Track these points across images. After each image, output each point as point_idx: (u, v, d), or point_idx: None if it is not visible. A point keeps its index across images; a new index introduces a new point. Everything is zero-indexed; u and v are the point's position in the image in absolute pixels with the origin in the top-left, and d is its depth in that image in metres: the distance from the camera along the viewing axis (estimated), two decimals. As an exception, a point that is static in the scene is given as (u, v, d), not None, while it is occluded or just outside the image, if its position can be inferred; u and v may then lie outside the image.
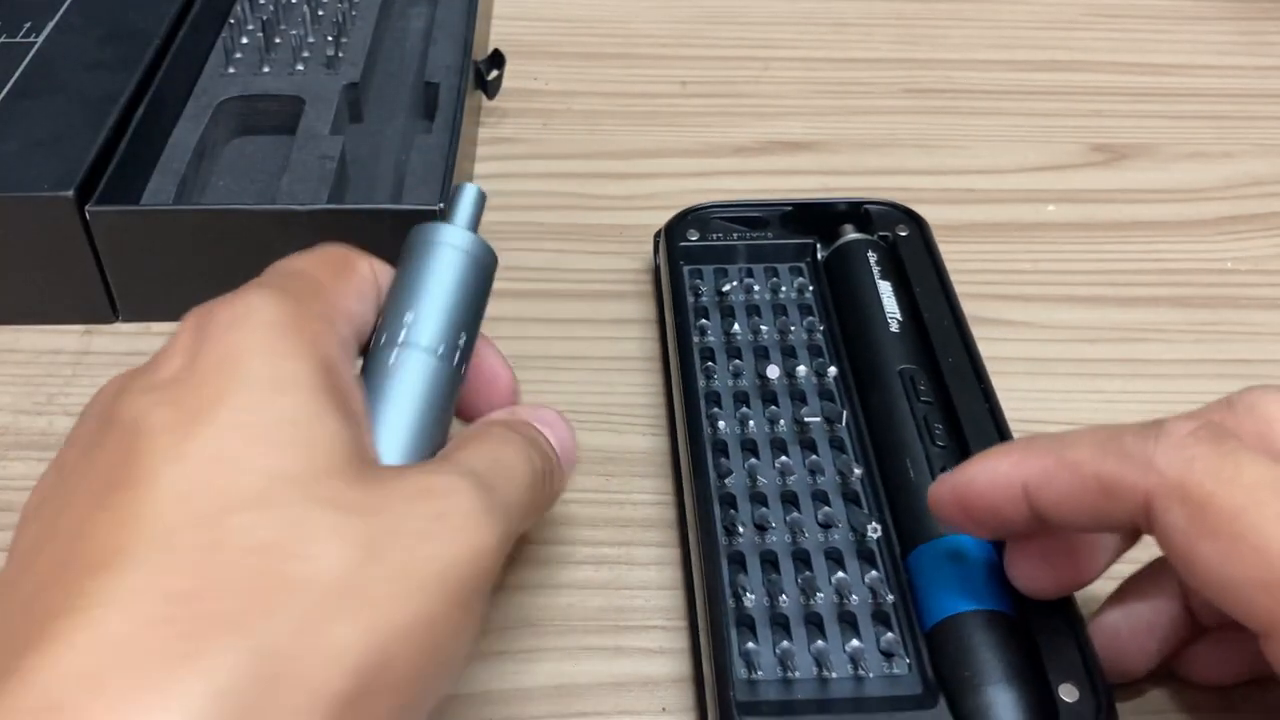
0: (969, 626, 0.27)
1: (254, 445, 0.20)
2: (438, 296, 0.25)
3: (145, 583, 0.18)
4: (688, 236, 0.40)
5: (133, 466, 0.20)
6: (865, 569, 0.30)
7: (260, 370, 0.21)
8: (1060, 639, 0.27)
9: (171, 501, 0.19)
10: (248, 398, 0.21)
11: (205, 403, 0.21)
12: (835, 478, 0.32)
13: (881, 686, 0.27)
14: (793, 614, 0.29)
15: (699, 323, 0.37)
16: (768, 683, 0.28)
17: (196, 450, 0.20)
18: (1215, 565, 0.22)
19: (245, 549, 0.19)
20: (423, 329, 0.25)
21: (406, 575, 0.20)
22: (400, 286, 0.26)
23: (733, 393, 0.35)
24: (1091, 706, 0.26)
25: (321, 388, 0.22)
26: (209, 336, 0.22)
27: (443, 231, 0.26)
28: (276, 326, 0.22)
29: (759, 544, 0.31)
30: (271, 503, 0.20)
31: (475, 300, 0.26)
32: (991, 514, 0.26)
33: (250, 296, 0.23)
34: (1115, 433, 0.24)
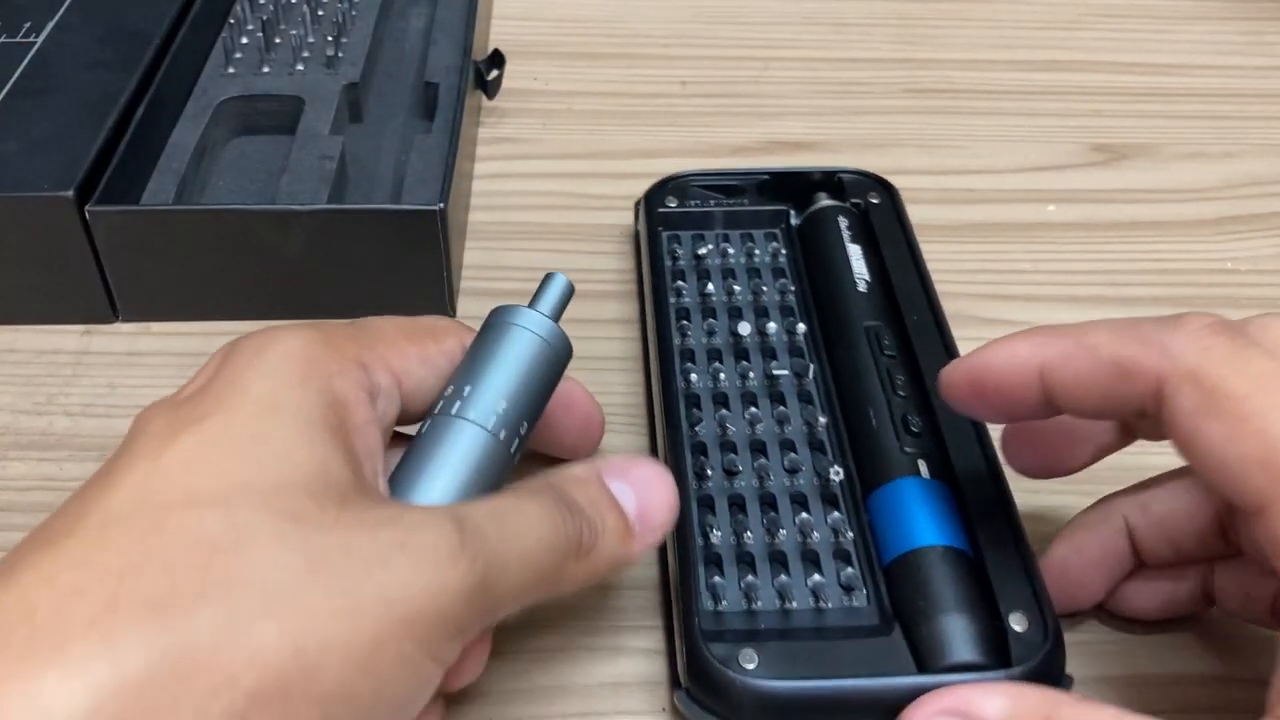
0: (924, 560, 0.29)
1: (226, 455, 0.21)
2: (500, 373, 0.26)
3: (75, 558, 0.19)
4: (666, 203, 0.41)
5: (113, 466, 0.21)
6: (828, 510, 0.32)
7: (259, 392, 0.22)
8: (1011, 572, 0.29)
9: (128, 493, 0.20)
10: (238, 415, 0.22)
11: (198, 416, 0.22)
12: (802, 427, 0.34)
13: (840, 617, 0.29)
14: (758, 552, 0.31)
15: (675, 284, 0.39)
16: (732, 613, 0.29)
17: (171, 454, 0.21)
18: (1218, 444, 0.23)
19: (186, 541, 0.20)
20: (478, 402, 0.25)
21: (347, 593, 0.20)
22: (469, 359, 0.27)
23: (706, 349, 0.37)
24: (1040, 635, 0.28)
25: (317, 419, 0.22)
26: (229, 361, 0.23)
27: (522, 314, 0.27)
28: (291, 358, 0.23)
29: (727, 488, 0.32)
30: (225, 504, 0.20)
31: (540, 385, 0.27)
32: (1004, 396, 0.27)
33: (281, 330, 0.24)
34: (1134, 321, 0.25)
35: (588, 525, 0.25)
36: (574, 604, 0.32)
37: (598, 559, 0.25)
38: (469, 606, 0.22)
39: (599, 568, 0.25)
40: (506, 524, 0.23)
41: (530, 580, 0.23)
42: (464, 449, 0.25)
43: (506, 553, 0.22)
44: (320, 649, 0.19)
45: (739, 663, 0.27)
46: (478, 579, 0.22)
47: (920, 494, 0.31)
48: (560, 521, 0.24)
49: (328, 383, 0.23)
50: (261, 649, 0.19)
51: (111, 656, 0.18)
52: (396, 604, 0.20)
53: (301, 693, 0.19)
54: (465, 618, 0.22)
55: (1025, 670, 0.27)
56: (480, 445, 0.25)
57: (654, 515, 0.26)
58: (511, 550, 0.23)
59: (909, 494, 0.31)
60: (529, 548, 0.23)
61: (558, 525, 0.24)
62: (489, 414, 0.25)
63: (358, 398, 0.24)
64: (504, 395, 0.26)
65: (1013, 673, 0.27)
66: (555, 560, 0.24)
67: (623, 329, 0.40)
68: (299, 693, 0.19)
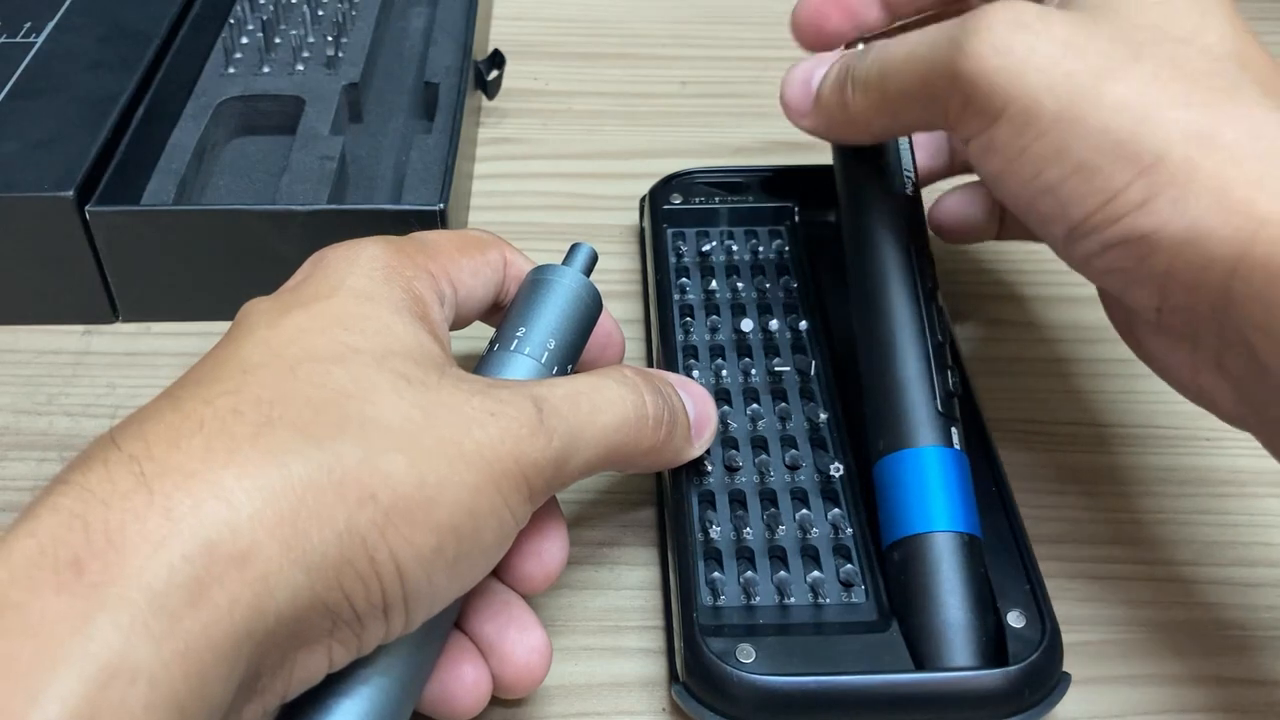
0: (924, 548, 0.29)
1: (335, 325, 0.24)
2: (549, 318, 0.29)
3: (226, 388, 0.22)
4: (671, 200, 0.41)
5: (233, 335, 0.24)
6: (828, 506, 0.32)
7: (354, 284, 0.25)
8: (1010, 570, 0.29)
9: (255, 348, 0.23)
10: (339, 300, 0.25)
11: (303, 300, 0.25)
12: (804, 423, 0.34)
13: (839, 613, 0.30)
14: (757, 547, 0.31)
15: (679, 281, 0.39)
16: (731, 608, 0.29)
17: (286, 322, 0.24)
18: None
19: (318, 386, 0.23)
20: (532, 340, 0.29)
21: (455, 442, 0.23)
22: (521, 305, 0.30)
23: (709, 346, 0.37)
24: (1037, 632, 0.28)
25: (407, 307, 0.26)
26: (321, 263, 0.27)
27: (562, 272, 0.30)
28: (377, 259, 0.26)
29: (728, 483, 0.32)
30: (345, 361, 0.23)
31: (581, 327, 0.30)
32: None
33: (363, 240, 0.27)
34: None
35: (669, 410, 0.28)
36: (574, 604, 0.32)
37: (669, 446, 0.28)
38: (542, 475, 0.24)
39: (667, 455, 0.29)
40: (582, 404, 0.26)
41: (604, 453, 0.26)
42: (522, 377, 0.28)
43: (583, 432, 0.25)
44: (438, 484, 0.22)
45: (737, 658, 0.27)
46: (555, 454, 0.24)
47: (948, 467, 0.29)
48: (641, 402, 0.27)
49: (409, 283, 0.26)
50: (393, 475, 0.22)
51: (278, 462, 0.21)
52: (491, 460, 0.23)
53: (423, 518, 0.22)
54: (539, 484, 0.24)
55: (1022, 668, 0.27)
56: (535, 375, 0.28)
57: (706, 425, 0.30)
58: (588, 431, 0.25)
59: (914, 469, 0.30)
60: (606, 423, 0.26)
61: (639, 405, 0.27)
62: (541, 349, 0.29)
63: (431, 298, 0.27)
64: (552, 334, 0.29)
65: (1010, 671, 0.27)
66: (632, 437, 0.27)
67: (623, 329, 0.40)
68: (421, 518, 0.22)
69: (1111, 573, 0.33)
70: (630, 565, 0.33)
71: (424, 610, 0.23)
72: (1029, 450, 0.36)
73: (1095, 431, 0.37)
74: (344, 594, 0.21)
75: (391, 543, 0.21)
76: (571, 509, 0.34)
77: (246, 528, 0.20)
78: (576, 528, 0.34)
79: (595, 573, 0.33)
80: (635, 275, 0.43)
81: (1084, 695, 0.30)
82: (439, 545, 0.22)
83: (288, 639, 0.21)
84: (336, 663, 0.22)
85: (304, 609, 0.20)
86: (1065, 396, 0.38)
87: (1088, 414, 0.37)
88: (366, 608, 0.22)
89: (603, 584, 0.32)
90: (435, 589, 0.23)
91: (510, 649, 0.27)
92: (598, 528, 0.34)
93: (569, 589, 0.32)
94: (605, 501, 0.35)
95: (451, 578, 0.23)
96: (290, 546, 0.20)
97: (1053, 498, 0.35)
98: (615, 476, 0.35)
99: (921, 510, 0.29)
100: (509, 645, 0.27)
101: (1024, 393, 0.38)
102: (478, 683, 0.26)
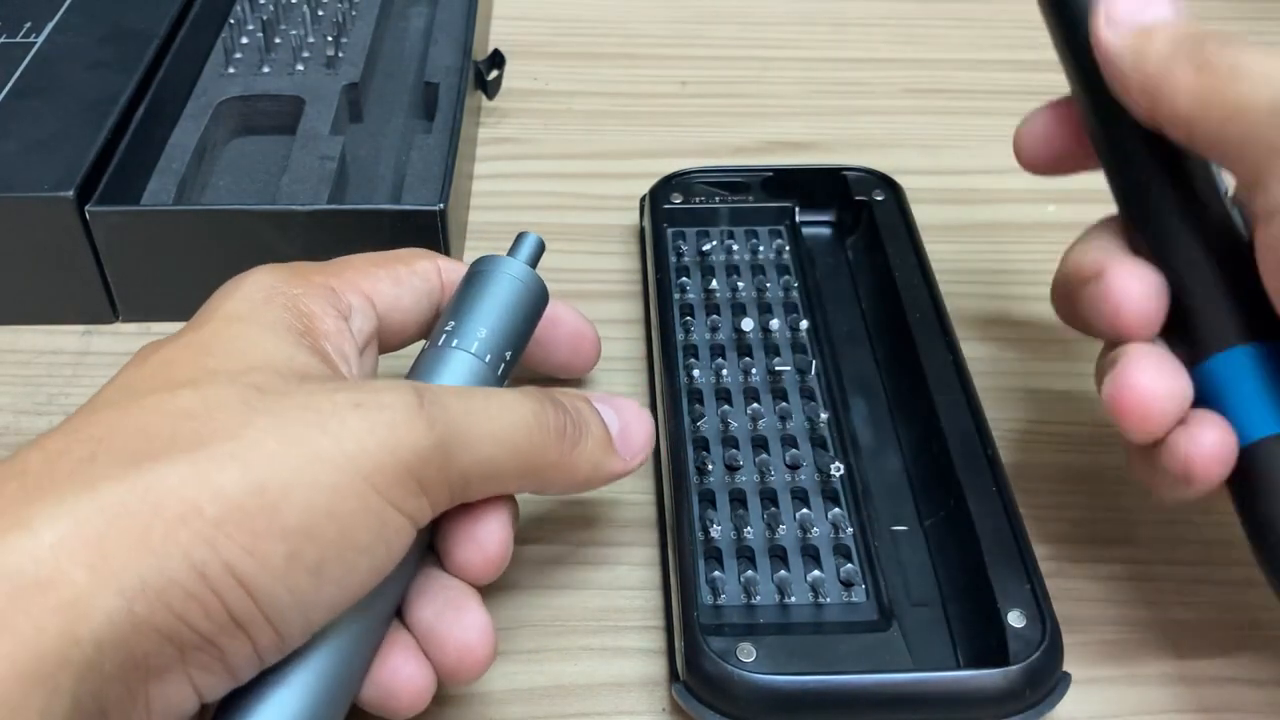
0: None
1: (199, 352, 0.24)
2: (481, 309, 0.29)
3: (63, 431, 0.22)
4: (672, 200, 0.42)
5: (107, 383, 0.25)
6: (828, 506, 0.32)
7: (229, 309, 0.26)
8: (1011, 570, 0.29)
9: (113, 388, 0.24)
10: (210, 327, 0.25)
11: (180, 335, 0.25)
12: (804, 423, 0.34)
13: (839, 612, 0.30)
14: (758, 546, 0.31)
15: (679, 281, 0.39)
16: (731, 607, 0.30)
17: (154, 359, 0.24)
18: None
19: (160, 412, 0.22)
20: (463, 333, 0.28)
21: (306, 442, 0.22)
22: (455, 300, 0.29)
23: (709, 345, 0.37)
24: (1038, 632, 0.28)
25: (284, 324, 0.25)
26: (209, 300, 0.27)
27: (494, 260, 0.30)
28: (260, 283, 0.27)
29: (729, 483, 0.33)
30: (198, 383, 0.23)
31: (519, 316, 0.30)
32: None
33: (254, 268, 0.27)
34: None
35: (571, 421, 0.27)
36: (574, 605, 0.32)
37: (581, 457, 0.27)
38: (428, 465, 0.23)
39: (583, 468, 0.28)
40: (474, 403, 0.25)
41: (504, 459, 0.25)
42: (453, 371, 0.28)
43: (472, 426, 0.25)
44: (283, 489, 0.21)
45: (737, 656, 0.27)
46: (436, 440, 0.23)
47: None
48: (540, 409, 0.26)
49: (293, 300, 0.26)
50: (225, 486, 0.21)
51: (90, 491, 0.20)
52: (355, 456, 0.22)
53: (266, 526, 0.21)
54: (425, 474, 0.23)
55: (1022, 668, 0.27)
56: (467, 367, 0.28)
57: (635, 437, 0.29)
58: (478, 425, 0.25)
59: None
60: (501, 427, 0.25)
61: (538, 412, 0.26)
62: (473, 340, 0.28)
63: (323, 311, 0.27)
64: (485, 325, 0.28)
65: (1010, 671, 0.27)
66: (534, 444, 0.26)
67: (624, 329, 0.40)
68: (263, 526, 0.21)
69: (1111, 573, 0.33)
70: (630, 565, 0.33)
71: (298, 621, 0.22)
72: (1029, 450, 0.36)
73: (1095, 431, 0.37)
74: (176, 615, 0.20)
75: (226, 556, 0.21)
76: (571, 509, 0.34)
77: (48, 555, 0.19)
78: (576, 528, 0.34)
79: (595, 573, 0.33)
80: (635, 275, 0.43)
81: (1084, 695, 0.30)
82: (292, 552, 0.21)
83: (123, 669, 0.20)
84: (207, 693, 0.22)
85: (128, 634, 0.20)
86: (1065, 396, 0.38)
87: (1087, 414, 0.37)
88: (212, 628, 0.21)
89: (603, 584, 0.32)
90: (302, 598, 0.22)
91: (446, 631, 0.26)
92: (598, 528, 0.34)
93: (569, 589, 0.32)
94: (605, 502, 0.35)
95: (322, 584, 0.22)
96: (99, 571, 0.20)
97: (1053, 498, 0.35)
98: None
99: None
100: (445, 628, 0.26)
101: (1024, 393, 0.38)
102: (412, 677, 0.25)
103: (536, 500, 0.34)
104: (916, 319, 0.36)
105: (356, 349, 0.27)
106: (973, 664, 0.28)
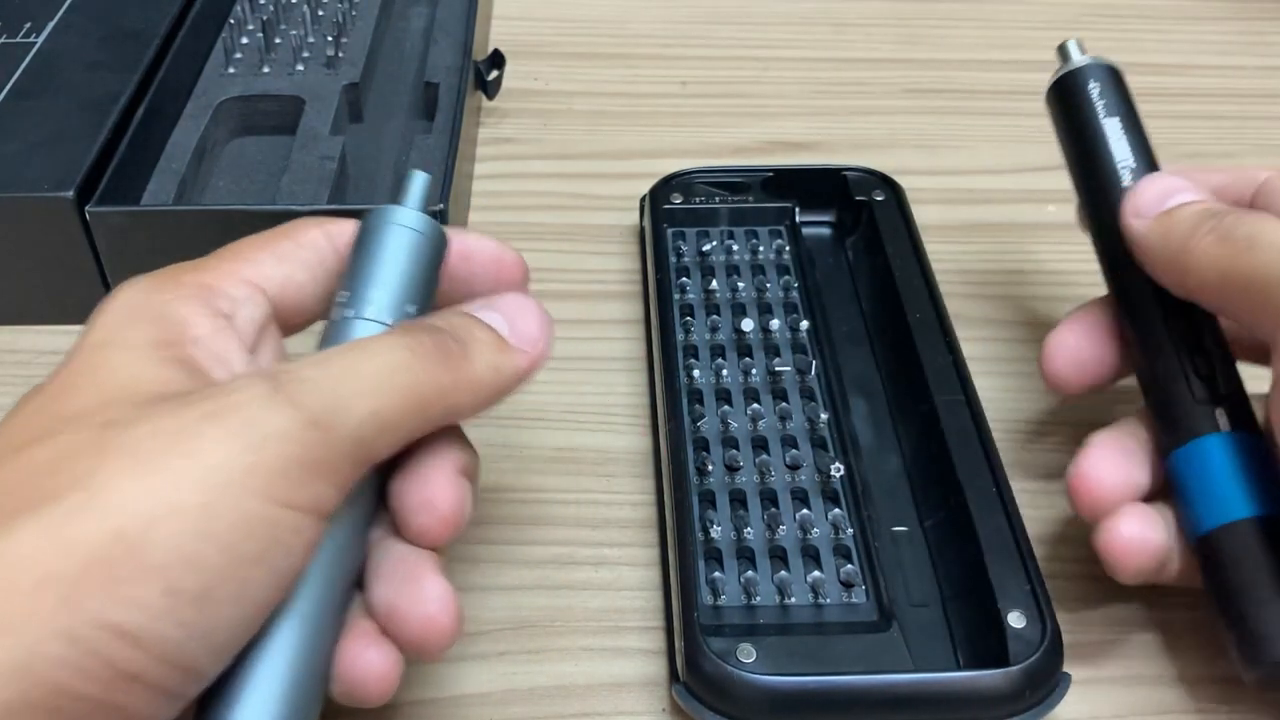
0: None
1: (57, 397, 0.23)
2: (375, 267, 0.27)
3: None
4: (672, 200, 0.41)
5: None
6: (828, 507, 0.32)
7: (94, 336, 0.24)
8: (1011, 570, 0.29)
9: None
10: (76, 360, 0.24)
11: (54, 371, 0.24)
12: (804, 424, 0.34)
13: (839, 613, 0.30)
14: (758, 547, 0.31)
15: (679, 281, 0.39)
16: (731, 608, 0.30)
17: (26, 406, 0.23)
18: None
19: (16, 474, 0.21)
20: (357, 298, 0.26)
21: (160, 470, 0.21)
22: (348, 265, 0.27)
23: (709, 346, 0.37)
24: (1038, 633, 0.28)
25: (144, 342, 0.24)
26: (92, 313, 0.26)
27: (387, 213, 0.28)
28: (125, 300, 0.25)
29: (729, 483, 0.33)
30: (53, 435, 0.22)
31: (420, 271, 0.28)
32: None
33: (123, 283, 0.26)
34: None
35: (452, 338, 0.26)
36: (574, 605, 0.32)
37: (477, 368, 0.26)
38: (308, 448, 0.22)
39: (483, 377, 0.26)
40: (334, 365, 0.24)
41: (393, 406, 0.24)
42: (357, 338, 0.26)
43: (341, 388, 0.23)
44: (143, 528, 0.20)
45: (737, 657, 0.27)
46: (305, 420, 0.22)
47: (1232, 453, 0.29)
48: (413, 340, 0.25)
49: (160, 310, 0.25)
50: (78, 541, 0.20)
51: None
52: (218, 468, 0.21)
53: (132, 569, 0.20)
54: (309, 458, 0.22)
55: (1022, 668, 0.27)
56: (368, 334, 0.26)
57: (526, 327, 0.27)
58: (348, 385, 0.23)
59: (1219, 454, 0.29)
60: (373, 376, 0.24)
61: (410, 344, 0.25)
62: (367, 305, 0.26)
63: (195, 314, 0.25)
64: (380, 285, 0.27)
65: (1010, 671, 0.27)
66: (418, 378, 0.24)
67: (624, 329, 0.40)
68: (129, 570, 0.20)
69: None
70: (630, 565, 0.33)
71: (202, 652, 0.21)
72: (1029, 450, 0.36)
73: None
74: (54, 687, 0.19)
75: (96, 612, 0.20)
76: (572, 510, 0.34)
77: None
78: (578, 528, 0.34)
79: (595, 573, 0.33)
80: (635, 275, 0.43)
81: (1084, 695, 0.30)
82: (169, 588, 0.20)
83: None
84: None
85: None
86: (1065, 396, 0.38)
87: (1087, 414, 0.37)
88: (101, 689, 0.20)
89: (603, 584, 0.32)
90: (196, 629, 0.21)
91: (407, 608, 0.25)
92: (598, 528, 0.34)
93: (569, 589, 0.32)
94: (605, 502, 0.35)
95: (215, 608, 0.21)
96: None
97: (1053, 498, 0.35)
98: (614, 475, 0.35)
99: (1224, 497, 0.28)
100: (405, 605, 0.25)
101: (1024, 393, 0.38)
102: (373, 663, 0.24)
103: (536, 500, 0.34)
104: (916, 319, 0.36)
105: (242, 345, 0.26)
106: (973, 665, 0.28)
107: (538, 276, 0.42)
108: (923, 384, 0.34)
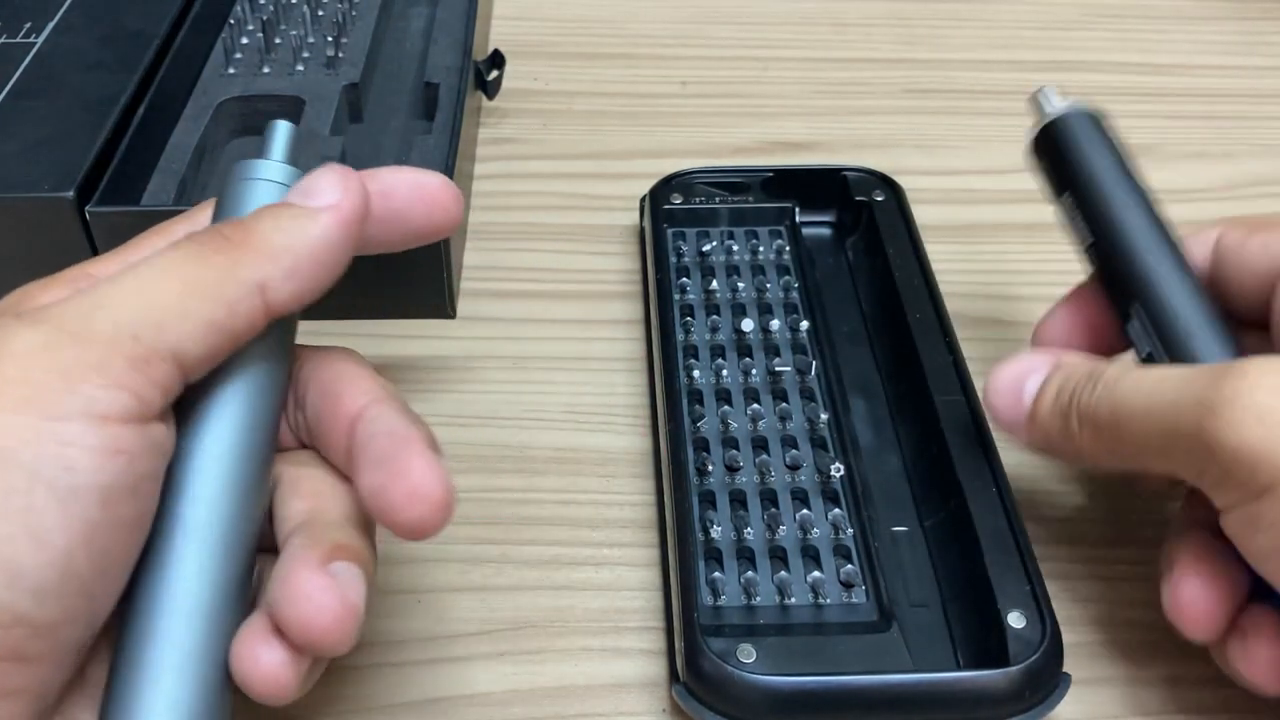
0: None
1: None
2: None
3: None
4: (671, 200, 0.41)
5: None
6: (828, 507, 0.32)
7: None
8: (1010, 571, 0.29)
9: None
10: None
11: None
12: (804, 424, 0.34)
13: (839, 613, 0.30)
14: (758, 547, 0.31)
15: (679, 281, 0.39)
16: (731, 608, 0.30)
17: None
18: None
19: None
20: None
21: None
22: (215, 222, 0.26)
23: (709, 346, 0.37)
24: (1037, 633, 0.28)
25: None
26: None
27: (247, 168, 0.26)
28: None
29: (729, 484, 0.33)
30: None
31: None
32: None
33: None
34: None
35: (229, 225, 0.24)
36: (574, 605, 0.32)
37: (259, 238, 0.24)
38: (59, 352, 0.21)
39: (271, 240, 0.24)
40: (101, 286, 0.23)
41: (166, 293, 0.23)
42: None
43: (96, 299, 0.22)
44: None
45: (737, 657, 0.27)
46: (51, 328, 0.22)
47: None
48: (182, 242, 0.24)
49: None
50: None
51: None
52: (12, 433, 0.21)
53: None
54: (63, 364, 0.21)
55: (1022, 668, 0.27)
56: None
57: (315, 186, 0.25)
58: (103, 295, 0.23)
59: None
60: (137, 277, 0.23)
61: (177, 245, 0.24)
62: None
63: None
64: None
65: (1010, 671, 0.27)
66: (188, 264, 0.23)
67: (624, 329, 0.40)
68: None
69: (1111, 573, 0.33)
70: (630, 566, 0.33)
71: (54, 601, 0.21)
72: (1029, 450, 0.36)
73: (1095, 432, 0.37)
74: None
75: None
76: (572, 510, 0.34)
77: None
78: (578, 529, 0.34)
79: (595, 573, 0.33)
80: (635, 275, 0.43)
81: (1084, 695, 0.30)
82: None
83: None
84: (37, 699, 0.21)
85: None
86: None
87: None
88: None
89: (603, 585, 0.32)
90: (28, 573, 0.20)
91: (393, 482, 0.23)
92: (598, 528, 0.34)
93: (569, 589, 0.32)
94: (605, 502, 0.35)
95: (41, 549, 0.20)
96: None
97: (1052, 498, 0.35)
98: (614, 476, 0.35)
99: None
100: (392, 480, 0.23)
101: (1024, 393, 0.38)
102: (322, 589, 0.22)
103: (536, 501, 0.34)
104: (916, 319, 0.36)
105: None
106: (973, 665, 0.28)
107: (538, 277, 0.43)
108: (923, 384, 0.34)
